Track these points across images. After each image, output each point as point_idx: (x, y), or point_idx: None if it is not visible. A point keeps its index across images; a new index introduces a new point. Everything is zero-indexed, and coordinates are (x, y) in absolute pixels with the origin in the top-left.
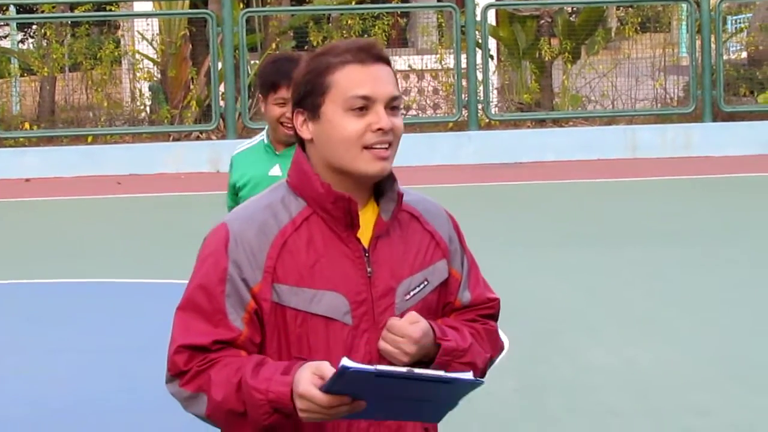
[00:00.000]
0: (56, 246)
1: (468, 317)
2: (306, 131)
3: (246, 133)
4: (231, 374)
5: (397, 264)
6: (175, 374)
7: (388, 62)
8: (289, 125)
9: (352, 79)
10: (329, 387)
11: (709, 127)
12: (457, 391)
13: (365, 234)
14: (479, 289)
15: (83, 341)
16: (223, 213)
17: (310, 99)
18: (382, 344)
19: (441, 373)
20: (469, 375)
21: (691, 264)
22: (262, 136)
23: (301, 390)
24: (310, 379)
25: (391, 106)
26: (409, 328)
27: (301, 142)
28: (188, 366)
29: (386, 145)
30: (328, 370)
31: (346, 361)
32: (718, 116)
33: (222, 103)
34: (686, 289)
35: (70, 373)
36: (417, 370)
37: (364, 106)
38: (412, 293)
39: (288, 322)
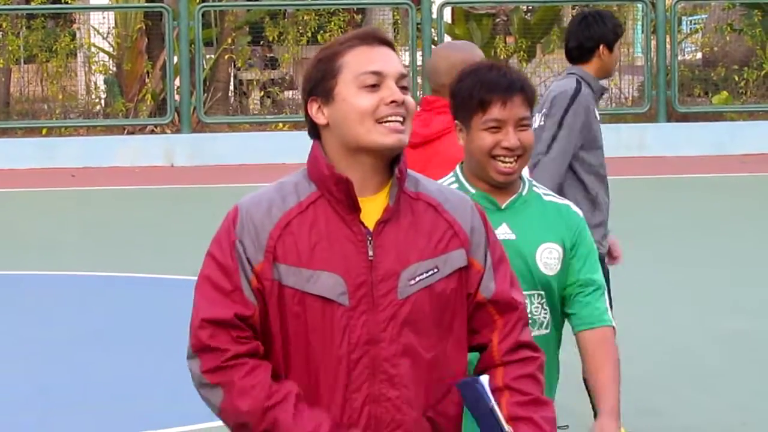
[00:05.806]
0: (8, 238)
1: (514, 374)
2: (321, 117)
3: (200, 127)
4: (261, 394)
5: (404, 249)
6: (198, 350)
7: (392, 46)
8: (509, 159)
9: (362, 58)
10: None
11: (663, 128)
12: None
13: (375, 218)
14: (506, 284)
15: (31, 332)
16: (178, 207)
17: (322, 84)
18: None
19: (504, 424)
20: None
21: (643, 264)
22: (450, 181)
23: None
24: None
25: (401, 84)
26: None
27: (315, 135)
28: (210, 342)
29: (401, 119)
30: None
31: (483, 378)
32: (672, 116)
33: (177, 97)
34: (638, 289)
35: (18, 365)
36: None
37: (376, 83)
38: (417, 278)
39: (287, 301)
